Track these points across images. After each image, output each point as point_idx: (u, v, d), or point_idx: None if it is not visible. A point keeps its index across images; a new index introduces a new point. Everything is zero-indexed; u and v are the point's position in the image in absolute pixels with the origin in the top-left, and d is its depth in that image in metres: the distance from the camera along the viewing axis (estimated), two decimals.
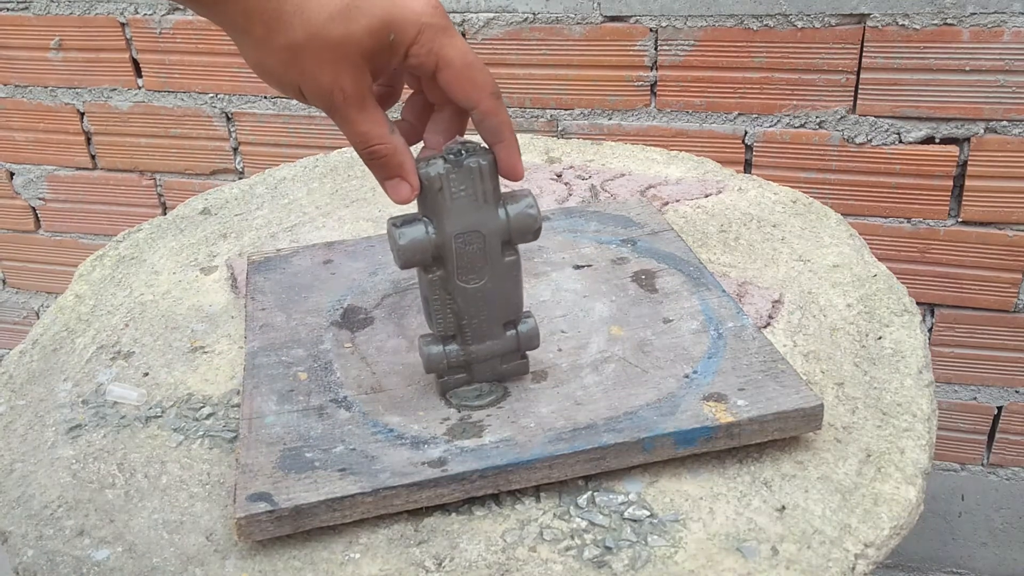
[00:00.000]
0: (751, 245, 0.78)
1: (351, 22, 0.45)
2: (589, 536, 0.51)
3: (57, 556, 0.51)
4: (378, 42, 0.46)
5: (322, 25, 0.45)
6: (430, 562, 0.50)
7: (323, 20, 0.45)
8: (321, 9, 0.44)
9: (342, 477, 0.51)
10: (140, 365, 0.67)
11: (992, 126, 1.05)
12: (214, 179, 1.35)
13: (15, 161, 1.42)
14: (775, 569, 0.48)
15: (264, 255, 0.76)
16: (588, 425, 0.54)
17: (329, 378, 0.60)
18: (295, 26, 0.44)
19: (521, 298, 0.56)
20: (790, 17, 1.05)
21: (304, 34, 0.45)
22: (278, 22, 0.44)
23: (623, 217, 0.79)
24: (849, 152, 1.10)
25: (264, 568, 0.50)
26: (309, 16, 0.44)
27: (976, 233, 1.11)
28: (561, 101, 1.17)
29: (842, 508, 0.52)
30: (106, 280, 0.79)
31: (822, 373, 0.63)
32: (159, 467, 0.57)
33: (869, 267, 0.74)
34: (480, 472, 0.51)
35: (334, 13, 0.45)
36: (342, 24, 0.45)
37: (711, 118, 1.13)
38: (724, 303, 0.65)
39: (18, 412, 0.63)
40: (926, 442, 0.56)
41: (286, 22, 0.44)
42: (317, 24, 0.44)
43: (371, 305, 0.68)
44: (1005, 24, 0.99)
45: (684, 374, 0.58)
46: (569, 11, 1.11)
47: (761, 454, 0.56)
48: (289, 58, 0.45)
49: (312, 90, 0.47)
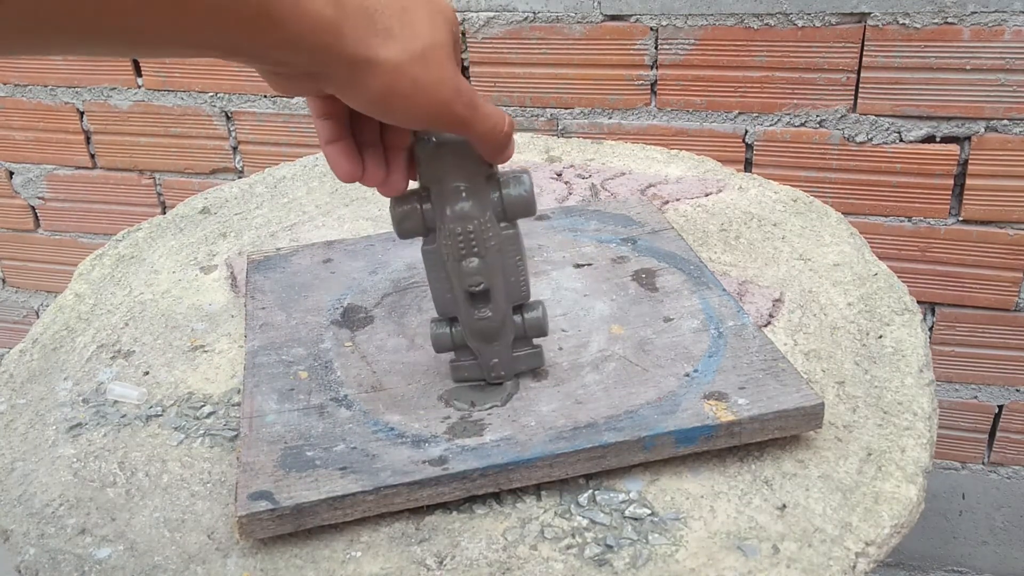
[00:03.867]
0: (751, 244, 0.78)
1: (442, 24, 0.44)
2: (590, 534, 0.51)
3: (59, 554, 0.51)
4: (454, 40, 0.45)
5: (429, 32, 0.43)
6: (431, 560, 0.50)
7: (427, 27, 0.43)
8: (419, 19, 0.43)
9: (343, 476, 0.51)
10: (140, 364, 0.67)
11: (993, 125, 1.05)
12: (214, 178, 1.35)
13: (15, 160, 1.42)
14: (776, 568, 0.48)
15: (264, 254, 0.76)
16: (589, 424, 0.54)
17: (329, 377, 0.60)
18: (411, 37, 0.43)
19: (526, 278, 0.56)
20: (791, 16, 1.05)
21: (423, 43, 0.43)
22: (400, 39, 0.42)
23: (623, 216, 0.79)
24: (850, 151, 1.10)
25: (265, 566, 0.50)
26: (417, 26, 0.43)
27: (977, 232, 1.11)
28: (561, 100, 1.17)
29: (843, 507, 0.52)
30: (106, 279, 0.79)
31: (823, 372, 0.63)
32: (160, 466, 0.57)
33: (870, 266, 0.74)
34: (481, 471, 0.51)
35: (428, 19, 0.43)
36: (439, 27, 0.44)
37: (711, 117, 1.13)
38: (725, 302, 0.65)
39: (19, 411, 0.63)
40: (927, 441, 0.56)
41: (401, 36, 0.42)
42: (425, 31, 0.43)
43: (371, 304, 0.68)
44: (1006, 23, 0.99)
45: (685, 373, 0.58)
46: (569, 10, 1.11)
47: (762, 453, 0.56)
48: (420, 74, 0.43)
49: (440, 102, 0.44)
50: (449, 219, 0.52)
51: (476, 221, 0.52)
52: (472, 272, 0.53)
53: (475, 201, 0.52)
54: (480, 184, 0.52)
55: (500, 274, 0.54)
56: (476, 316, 0.55)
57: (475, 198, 0.52)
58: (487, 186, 0.52)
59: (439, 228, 0.52)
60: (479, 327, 0.55)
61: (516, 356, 0.58)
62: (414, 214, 0.52)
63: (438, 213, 0.52)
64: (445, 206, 0.52)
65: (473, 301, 0.54)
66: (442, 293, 0.55)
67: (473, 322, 0.55)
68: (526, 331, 0.57)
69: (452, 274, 0.54)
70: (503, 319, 0.56)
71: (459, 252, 0.53)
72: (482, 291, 0.54)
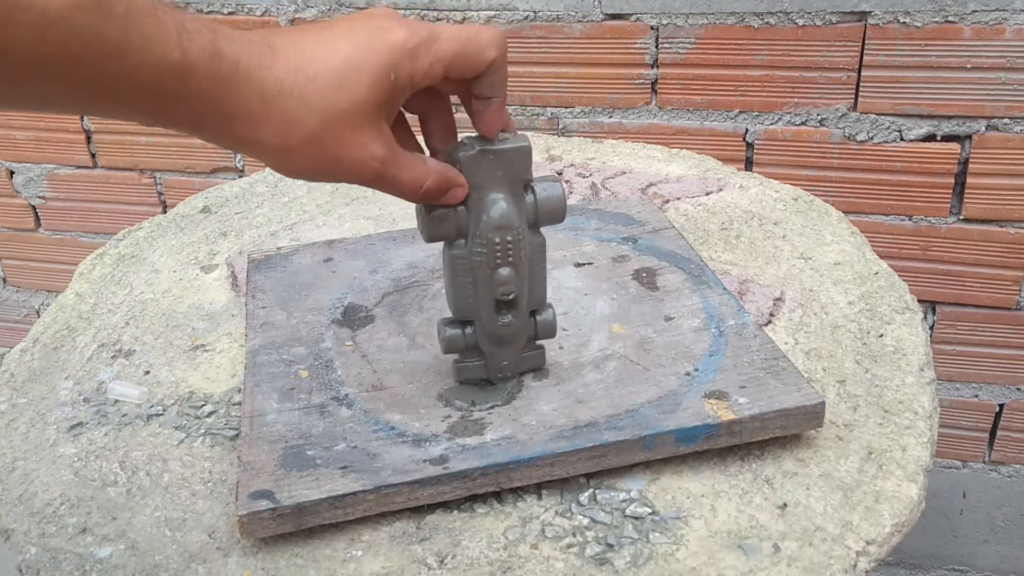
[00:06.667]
0: (752, 243, 0.78)
1: (353, 86, 0.43)
2: (591, 533, 0.51)
3: (59, 554, 0.51)
4: (383, 90, 0.44)
5: (328, 104, 0.43)
6: (432, 559, 0.50)
7: (326, 99, 0.43)
8: (320, 89, 0.42)
9: (344, 475, 0.51)
10: (141, 363, 0.67)
11: (993, 124, 1.05)
12: (214, 177, 1.35)
13: (15, 160, 1.42)
14: (777, 566, 0.48)
15: (264, 253, 0.76)
16: (590, 423, 0.54)
17: (330, 376, 0.60)
18: (303, 119, 0.42)
19: (545, 286, 0.56)
20: (791, 15, 1.05)
21: (316, 121, 0.43)
22: (286, 123, 0.42)
23: (624, 215, 0.79)
24: (850, 150, 1.10)
25: (266, 565, 0.50)
26: (312, 101, 0.42)
27: (977, 231, 1.11)
28: (562, 99, 1.17)
29: (844, 505, 0.52)
30: (106, 278, 0.79)
31: (823, 371, 0.63)
32: (161, 465, 0.57)
33: (870, 265, 0.74)
34: (482, 470, 0.51)
35: (332, 86, 0.43)
36: (345, 93, 0.43)
37: (712, 116, 1.13)
38: (725, 301, 0.65)
39: (20, 410, 0.63)
40: (927, 439, 0.56)
41: (294, 119, 0.42)
42: (322, 105, 0.42)
43: (372, 303, 0.68)
44: (1006, 21, 0.99)
45: (685, 372, 0.58)
46: (570, 9, 1.11)
47: (763, 452, 0.56)
48: (314, 152, 0.44)
49: (349, 170, 0.45)
50: (487, 227, 0.51)
51: (515, 231, 0.52)
52: (505, 281, 0.53)
53: (515, 211, 0.52)
54: (519, 193, 0.52)
55: (527, 282, 0.54)
56: (500, 323, 0.55)
57: (515, 207, 0.52)
58: (524, 194, 0.52)
59: (472, 234, 0.52)
60: (500, 333, 0.55)
61: (521, 356, 0.58)
62: (450, 219, 0.51)
63: (473, 219, 0.52)
64: (482, 213, 0.51)
65: (499, 308, 0.54)
66: (464, 297, 0.54)
67: (496, 328, 0.55)
68: (537, 334, 0.57)
69: (481, 281, 0.53)
70: (523, 325, 0.56)
71: (495, 261, 0.52)
72: (512, 300, 0.54)
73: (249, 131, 0.42)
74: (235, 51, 0.40)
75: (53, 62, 0.34)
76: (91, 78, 0.36)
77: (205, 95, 0.39)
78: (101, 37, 0.35)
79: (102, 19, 0.35)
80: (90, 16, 0.34)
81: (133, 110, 0.39)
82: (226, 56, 0.40)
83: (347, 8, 1.18)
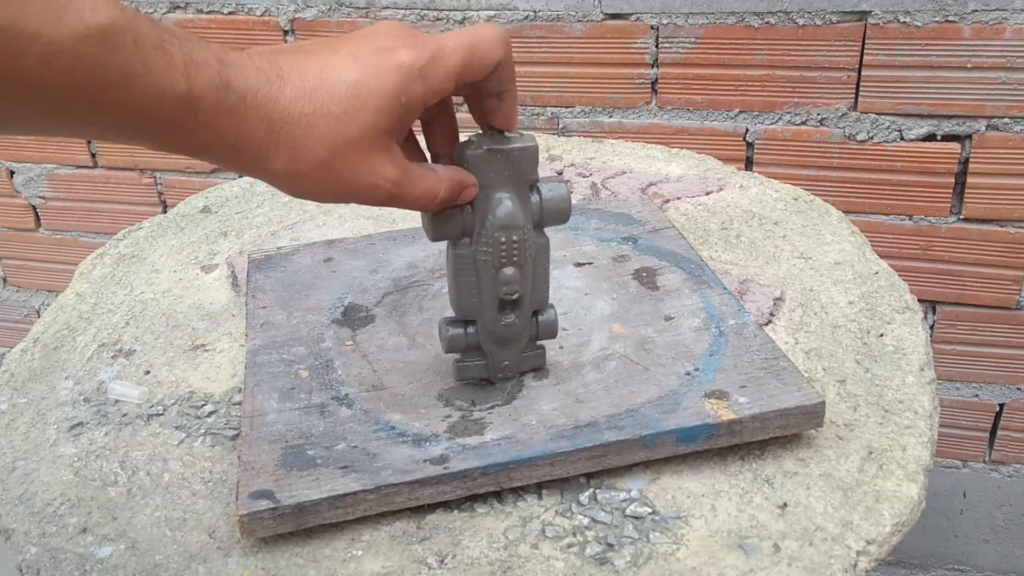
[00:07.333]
0: (752, 242, 0.78)
1: (361, 112, 0.43)
2: (591, 533, 0.51)
3: (60, 553, 0.51)
4: (392, 114, 0.44)
5: (336, 133, 0.42)
6: (432, 559, 0.50)
7: (335, 126, 0.42)
8: (327, 117, 0.42)
9: (344, 474, 0.51)
10: (141, 363, 0.67)
11: (994, 123, 1.05)
12: (214, 177, 1.35)
13: (15, 159, 1.42)
14: (777, 566, 0.48)
15: (265, 253, 0.76)
16: (590, 422, 0.54)
17: (330, 376, 0.60)
18: (311, 146, 0.42)
19: (548, 286, 0.56)
20: (791, 14, 1.05)
21: (325, 149, 0.43)
22: (294, 150, 0.42)
23: (624, 215, 0.79)
24: (850, 149, 1.10)
25: (267, 565, 0.50)
26: (320, 130, 0.42)
27: (977, 230, 1.11)
28: (562, 99, 1.17)
29: (844, 505, 0.52)
30: (107, 278, 0.79)
31: (824, 370, 0.63)
32: (161, 465, 0.57)
33: (870, 264, 0.74)
34: (482, 469, 0.51)
35: (340, 114, 0.42)
36: (354, 119, 0.43)
37: (712, 115, 1.13)
38: (725, 300, 0.65)
39: (20, 410, 0.63)
40: (928, 439, 0.56)
41: (302, 147, 0.42)
42: (331, 134, 0.42)
43: (372, 303, 0.68)
44: (1007, 21, 0.99)
45: (686, 371, 0.58)
46: (570, 9, 1.11)
47: (763, 451, 0.56)
48: (324, 178, 0.44)
49: (361, 194, 0.45)
50: (493, 227, 0.51)
51: (521, 231, 0.52)
52: (509, 281, 0.53)
53: (521, 210, 0.52)
54: (525, 193, 0.52)
55: (530, 282, 0.54)
56: (503, 322, 0.55)
57: (521, 207, 0.52)
58: (529, 194, 0.52)
59: (477, 234, 0.52)
60: (503, 332, 0.55)
61: (522, 356, 0.58)
62: (456, 218, 0.51)
63: (478, 218, 0.51)
64: (488, 213, 0.51)
65: (503, 308, 0.54)
66: (468, 297, 0.54)
67: (499, 328, 0.55)
68: (539, 334, 0.57)
69: (486, 281, 0.53)
70: (525, 324, 0.56)
71: (500, 260, 0.52)
72: (516, 299, 0.54)
73: (257, 159, 0.42)
74: (243, 82, 0.40)
75: (58, 91, 0.35)
76: (96, 107, 0.36)
77: (212, 126, 0.40)
78: (107, 68, 0.35)
79: (109, 50, 0.35)
80: (97, 47, 0.35)
81: (138, 138, 0.39)
82: (234, 88, 0.40)
83: (347, 8, 1.18)
